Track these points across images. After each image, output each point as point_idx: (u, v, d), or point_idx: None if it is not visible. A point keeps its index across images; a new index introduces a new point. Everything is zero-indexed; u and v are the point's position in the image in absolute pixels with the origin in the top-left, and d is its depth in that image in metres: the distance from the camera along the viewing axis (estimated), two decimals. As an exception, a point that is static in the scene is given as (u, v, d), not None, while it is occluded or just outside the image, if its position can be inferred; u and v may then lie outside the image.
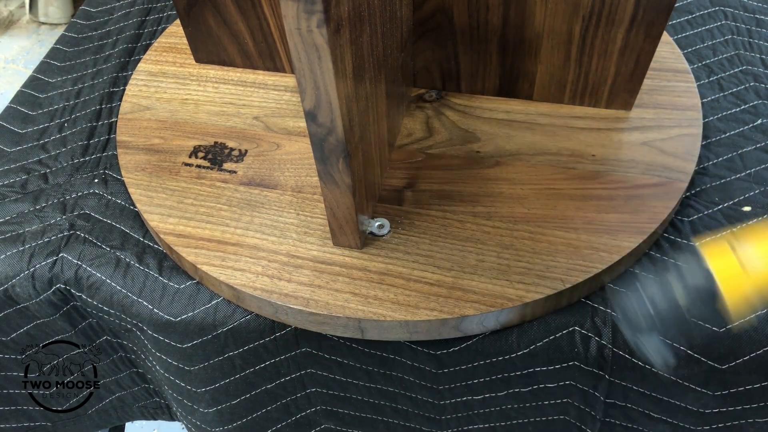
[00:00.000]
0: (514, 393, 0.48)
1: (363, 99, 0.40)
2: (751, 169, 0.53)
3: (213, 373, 0.50)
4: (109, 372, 0.59)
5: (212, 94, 0.61)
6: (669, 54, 0.59)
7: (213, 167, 0.54)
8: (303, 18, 0.31)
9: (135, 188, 0.53)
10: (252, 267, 0.47)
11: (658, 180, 0.50)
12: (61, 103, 0.64)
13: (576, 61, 0.52)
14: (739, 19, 0.66)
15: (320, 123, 0.37)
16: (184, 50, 0.65)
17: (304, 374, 0.51)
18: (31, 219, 0.54)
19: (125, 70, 0.67)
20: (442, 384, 0.48)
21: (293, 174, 0.53)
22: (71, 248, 0.51)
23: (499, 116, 0.56)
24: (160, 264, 0.50)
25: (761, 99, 0.58)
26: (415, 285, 0.45)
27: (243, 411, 0.54)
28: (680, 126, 0.54)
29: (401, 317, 0.43)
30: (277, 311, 0.46)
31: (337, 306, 0.44)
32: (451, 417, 0.51)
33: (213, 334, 0.48)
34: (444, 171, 0.52)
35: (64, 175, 0.57)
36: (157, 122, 0.58)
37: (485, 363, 0.46)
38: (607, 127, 0.54)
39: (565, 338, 0.45)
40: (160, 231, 0.50)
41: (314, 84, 0.34)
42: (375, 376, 0.49)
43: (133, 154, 0.56)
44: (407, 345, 0.47)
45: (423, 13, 0.53)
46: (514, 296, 0.44)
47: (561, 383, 0.47)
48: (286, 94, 0.60)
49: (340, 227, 0.45)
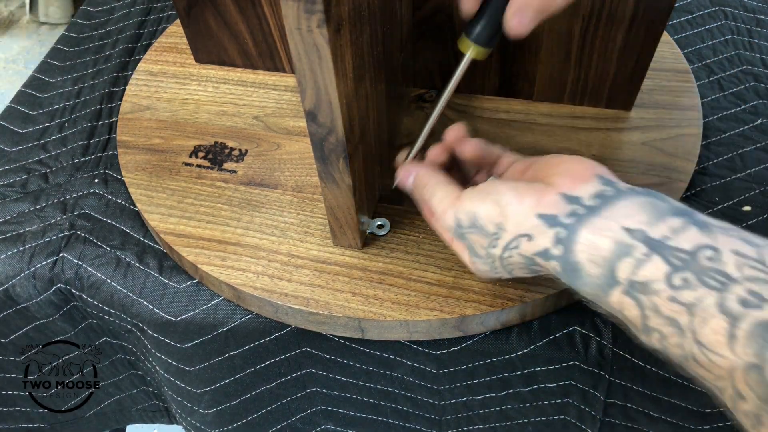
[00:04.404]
0: (514, 393, 0.48)
1: (363, 99, 0.40)
2: (751, 169, 0.53)
3: (213, 373, 0.50)
4: (108, 374, 0.59)
5: (212, 94, 0.61)
6: (669, 54, 0.59)
7: (213, 167, 0.54)
8: (303, 18, 0.31)
9: (135, 188, 0.53)
10: (252, 267, 0.47)
11: (658, 180, 0.50)
12: (61, 103, 0.64)
13: (576, 61, 0.52)
14: (739, 18, 0.66)
15: (320, 123, 0.37)
16: (184, 50, 0.65)
17: (304, 374, 0.51)
18: (31, 219, 0.54)
19: (125, 70, 0.67)
20: (442, 384, 0.48)
21: (293, 174, 0.53)
22: (72, 248, 0.51)
23: (499, 116, 0.56)
24: (160, 264, 0.50)
25: (761, 99, 0.58)
26: (415, 285, 0.45)
27: (243, 411, 0.54)
28: (680, 126, 0.54)
29: (401, 317, 0.43)
30: (278, 311, 0.46)
31: (337, 306, 0.44)
32: (451, 417, 0.51)
33: (213, 333, 0.48)
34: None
35: (65, 175, 0.57)
36: (157, 122, 0.58)
37: (485, 363, 0.46)
38: (607, 127, 0.54)
39: (565, 338, 0.45)
40: (161, 231, 0.50)
41: (314, 84, 0.34)
42: (375, 377, 0.49)
43: (133, 153, 0.56)
44: (407, 345, 0.47)
45: (423, 13, 0.53)
46: (514, 296, 0.44)
47: (561, 383, 0.47)
48: (286, 94, 0.60)
49: (340, 227, 0.45)
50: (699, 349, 0.26)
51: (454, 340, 0.46)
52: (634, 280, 0.29)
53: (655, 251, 0.28)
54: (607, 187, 0.32)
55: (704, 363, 0.27)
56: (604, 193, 0.32)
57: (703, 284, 0.27)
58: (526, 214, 0.34)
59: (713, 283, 0.26)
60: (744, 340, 0.25)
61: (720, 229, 0.28)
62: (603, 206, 0.31)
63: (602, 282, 0.30)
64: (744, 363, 0.25)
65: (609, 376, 0.46)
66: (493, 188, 0.36)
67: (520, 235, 0.34)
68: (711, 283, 0.26)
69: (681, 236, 0.28)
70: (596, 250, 0.30)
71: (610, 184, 0.33)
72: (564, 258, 0.32)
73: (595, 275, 0.31)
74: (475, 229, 0.37)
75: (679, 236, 0.28)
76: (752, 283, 0.25)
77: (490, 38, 0.38)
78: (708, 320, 0.26)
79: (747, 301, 0.25)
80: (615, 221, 0.30)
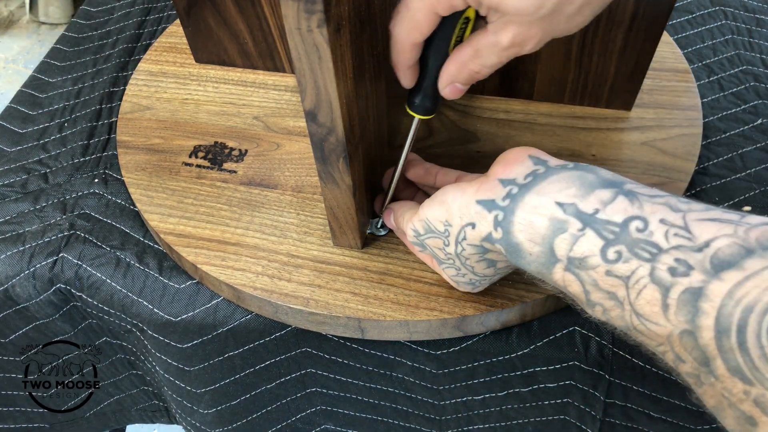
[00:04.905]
0: (514, 393, 0.48)
1: (363, 99, 0.40)
2: (751, 169, 0.53)
3: (213, 373, 0.50)
4: (108, 374, 0.59)
5: (212, 94, 0.61)
6: (669, 54, 0.59)
7: (213, 167, 0.54)
8: (303, 18, 0.31)
9: (135, 188, 0.53)
10: (252, 267, 0.47)
11: (658, 180, 0.50)
12: (61, 103, 0.64)
13: (576, 61, 0.52)
14: (740, 18, 0.66)
15: (320, 123, 0.37)
16: (184, 50, 0.65)
17: (304, 374, 0.51)
18: (31, 219, 0.54)
19: (125, 69, 0.67)
20: (442, 384, 0.48)
21: (293, 174, 0.53)
22: (71, 248, 0.51)
23: (499, 116, 0.56)
24: (160, 264, 0.50)
25: (761, 99, 0.58)
26: (415, 285, 0.45)
27: (243, 411, 0.54)
28: (680, 126, 0.54)
29: (401, 317, 0.43)
30: (277, 311, 0.46)
31: (337, 306, 0.44)
32: (451, 417, 0.51)
33: (213, 334, 0.48)
34: (444, 171, 0.52)
35: (64, 175, 0.57)
36: (157, 122, 0.58)
37: (485, 363, 0.46)
38: (607, 127, 0.54)
39: (565, 338, 0.45)
40: (160, 231, 0.50)
41: (314, 84, 0.34)
42: (375, 377, 0.49)
43: (133, 153, 0.56)
44: (407, 345, 0.47)
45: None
46: (514, 296, 0.44)
47: (561, 383, 0.47)
48: (286, 94, 0.60)
49: (340, 227, 0.45)
50: (638, 320, 0.28)
51: (454, 340, 0.46)
52: (572, 257, 0.30)
53: (588, 225, 0.29)
54: (539, 166, 0.33)
55: (644, 332, 0.28)
56: (536, 171, 0.33)
57: (635, 256, 0.27)
58: (467, 204, 0.35)
59: (644, 254, 0.27)
60: (676, 308, 0.26)
61: (647, 197, 0.29)
62: (534, 183, 0.32)
63: (544, 260, 0.31)
64: (679, 330, 0.26)
65: (609, 376, 0.46)
66: (440, 191, 0.38)
67: (465, 225, 0.35)
68: (642, 255, 0.27)
69: (611, 208, 0.29)
70: (533, 228, 0.31)
71: (541, 163, 0.34)
72: (505, 240, 0.33)
73: (536, 254, 0.31)
74: (430, 233, 0.38)
75: (609, 208, 0.29)
76: (678, 252, 0.26)
77: (431, 108, 0.40)
78: (642, 291, 0.27)
79: (675, 270, 0.26)
80: (547, 196, 0.31)
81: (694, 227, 0.27)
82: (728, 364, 0.24)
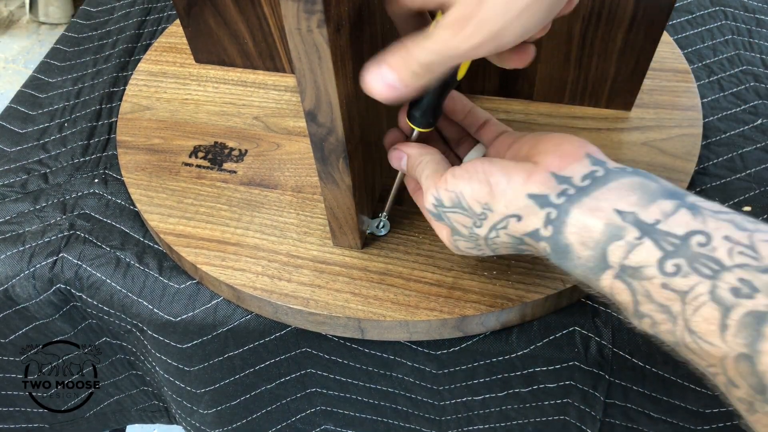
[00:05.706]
0: (514, 393, 0.48)
1: (363, 99, 0.40)
2: (751, 169, 0.53)
3: (213, 373, 0.50)
4: (108, 374, 0.59)
5: (212, 94, 0.61)
6: (669, 54, 0.59)
7: (213, 167, 0.54)
8: (303, 18, 0.31)
9: (135, 188, 0.53)
10: (252, 267, 0.47)
11: (658, 180, 0.50)
12: (61, 103, 0.64)
13: (576, 61, 0.52)
14: (740, 18, 0.66)
15: (320, 123, 0.37)
16: (184, 50, 0.65)
17: (304, 374, 0.51)
18: (31, 219, 0.54)
19: (125, 70, 0.67)
20: (442, 385, 0.48)
21: (293, 174, 0.53)
22: (71, 248, 0.51)
23: (499, 116, 0.56)
24: (160, 264, 0.50)
25: (761, 99, 0.58)
26: (415, 285, 0.45)
27: (243, 412, 0.54)
28: (680, 126, 0.54)
29: (401, 317, 0.43)
30: (277, 311, 0.46)
31: (337, 306, 0.44)
32: (451, 418, 0.51)
33: (213, 334, 0.48)
34: (444, 171, 0.52)
35: (64, 175, 0.57)
36: (157, 122, 0.58)
37: (485, 363, 0.46)
38: (607, 127, 0.54)
39: (565, 338, 0.45)
40: (160, 231, 0.50)
41: (314, 84, 0.34)
42: (375, 377, 0.49)
43: (133, 154, 0.56)
44: (407, 345, 0.47)
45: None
46: (514, 296, 0.44)
47: (561, 383, 0.47)
48: (286, 94, 0.60)
49: (340, 227, 0.45)
50: (691, 337, 0.26)
51: (454, 340, 0.46)
52: (626, 265, 0.29)
53: (647, 235, 0.28)
54: (598, 167, 0.32)
55: (696, 350, 0.26)
56: (594, 173, 0.32)
57: (695, 271, 0.26)
58: (515, 194, 0.33)
59: (705, 270, 0.26)
60: (735, 330, 0.25)
61: (711, 212, 0.28)
62: (594, 187, 0.31)
63: (593, 265, 0.30)
64: (735, 353, 0.25)
65: (609, 377, 0.46)
66: (481, 167, 0.35)
67: (509, 216, 0.33)
68: (703, 271, 0.26)
69: (672, 220, 0.28)
70: (587, 231, 0.30)
71: (600, 164, 0.32)
72: (554, 239, 0.32)
73: (586, 258, 0.30)
74: (458, 209, 0.36)
75: (671, 220, 0.28)
76: (743, 271, 0.25)
77: (432, 122, 0.40)
78: (700, 309, 0.26)
79: (738, 290, 0.25)
80: (606, 202, 0.30)
81: (762, 247, 0.26)
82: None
